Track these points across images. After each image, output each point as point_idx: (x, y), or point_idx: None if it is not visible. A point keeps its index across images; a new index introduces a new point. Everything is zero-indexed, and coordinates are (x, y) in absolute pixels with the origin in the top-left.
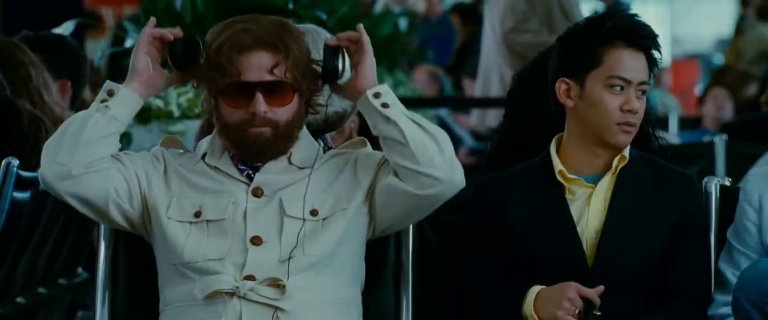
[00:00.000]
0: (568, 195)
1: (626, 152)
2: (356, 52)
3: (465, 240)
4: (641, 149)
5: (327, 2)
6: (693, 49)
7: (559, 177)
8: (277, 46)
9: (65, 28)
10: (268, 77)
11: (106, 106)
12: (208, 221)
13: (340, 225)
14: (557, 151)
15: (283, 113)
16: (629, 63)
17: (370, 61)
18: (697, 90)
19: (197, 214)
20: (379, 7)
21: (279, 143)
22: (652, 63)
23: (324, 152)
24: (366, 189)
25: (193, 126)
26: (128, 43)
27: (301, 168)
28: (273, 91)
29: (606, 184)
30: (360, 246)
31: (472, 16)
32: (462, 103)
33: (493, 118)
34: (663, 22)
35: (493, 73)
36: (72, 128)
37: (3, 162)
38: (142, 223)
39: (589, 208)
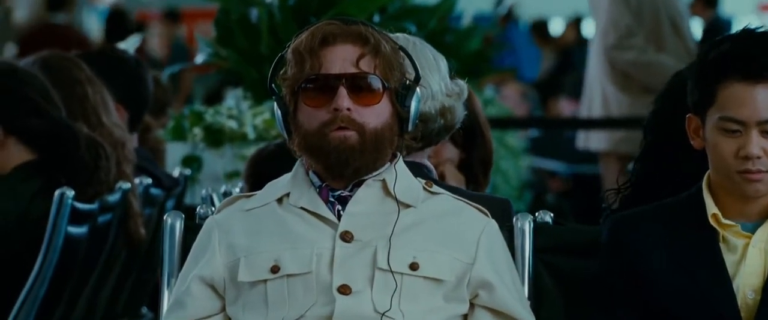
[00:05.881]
0: (721, 244)
1: None
2: None
3: (593, 292)
4: None
5: (415, 15)
6: None
7: (712, 222)
8: (366, 39)
9: (130, 44)
10: (353, 70)
11: None
12: (289, 276)
13: (440, 291)
14: (708, 189)
15: (370, 116)
16: (744, 100)
17: None
18: None
19: (274, 269)
20: (466, 21)
21: (366, 153)
22: None
23: (428, 187)
24: (467, 294)
25: None
26: (198, 60)
27: (403, 204)
28: (359, 87)
29: (766, 234)
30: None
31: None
32: (552, 124)
33: (595, 140)
34: None
35: (595, 91)
36: None
37: (56, 193)
38: None
39: (746, 262)
